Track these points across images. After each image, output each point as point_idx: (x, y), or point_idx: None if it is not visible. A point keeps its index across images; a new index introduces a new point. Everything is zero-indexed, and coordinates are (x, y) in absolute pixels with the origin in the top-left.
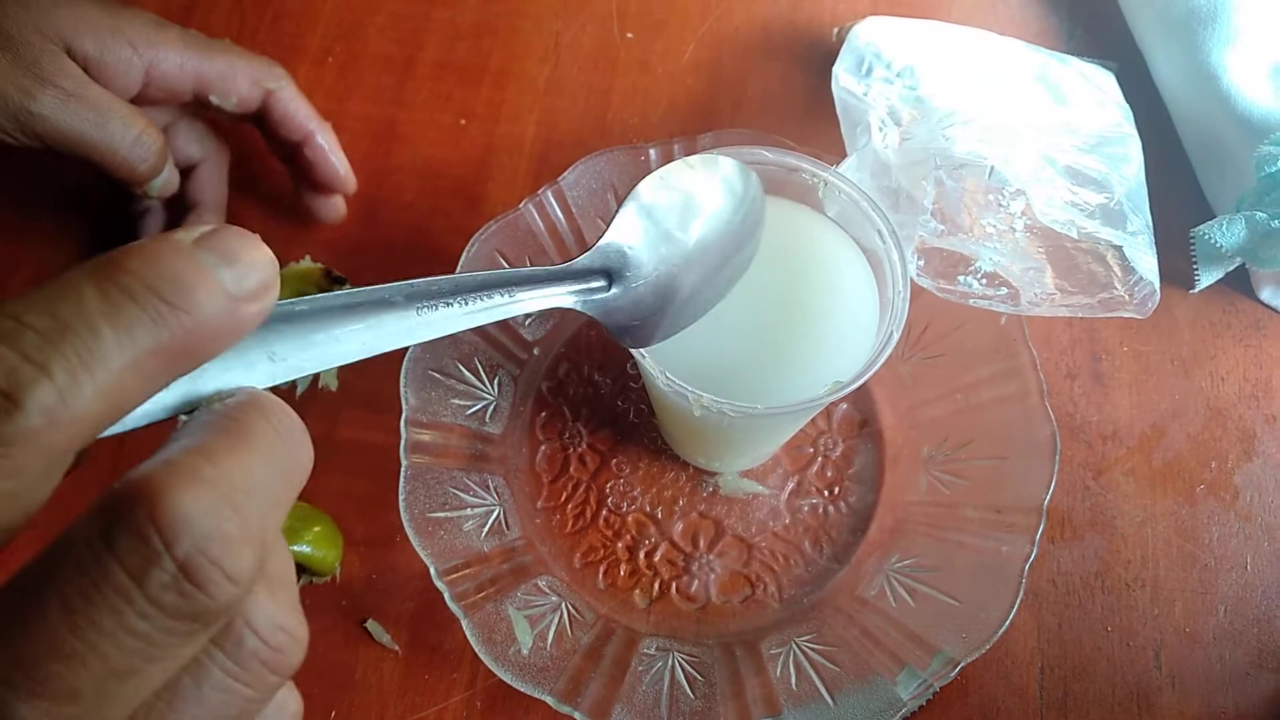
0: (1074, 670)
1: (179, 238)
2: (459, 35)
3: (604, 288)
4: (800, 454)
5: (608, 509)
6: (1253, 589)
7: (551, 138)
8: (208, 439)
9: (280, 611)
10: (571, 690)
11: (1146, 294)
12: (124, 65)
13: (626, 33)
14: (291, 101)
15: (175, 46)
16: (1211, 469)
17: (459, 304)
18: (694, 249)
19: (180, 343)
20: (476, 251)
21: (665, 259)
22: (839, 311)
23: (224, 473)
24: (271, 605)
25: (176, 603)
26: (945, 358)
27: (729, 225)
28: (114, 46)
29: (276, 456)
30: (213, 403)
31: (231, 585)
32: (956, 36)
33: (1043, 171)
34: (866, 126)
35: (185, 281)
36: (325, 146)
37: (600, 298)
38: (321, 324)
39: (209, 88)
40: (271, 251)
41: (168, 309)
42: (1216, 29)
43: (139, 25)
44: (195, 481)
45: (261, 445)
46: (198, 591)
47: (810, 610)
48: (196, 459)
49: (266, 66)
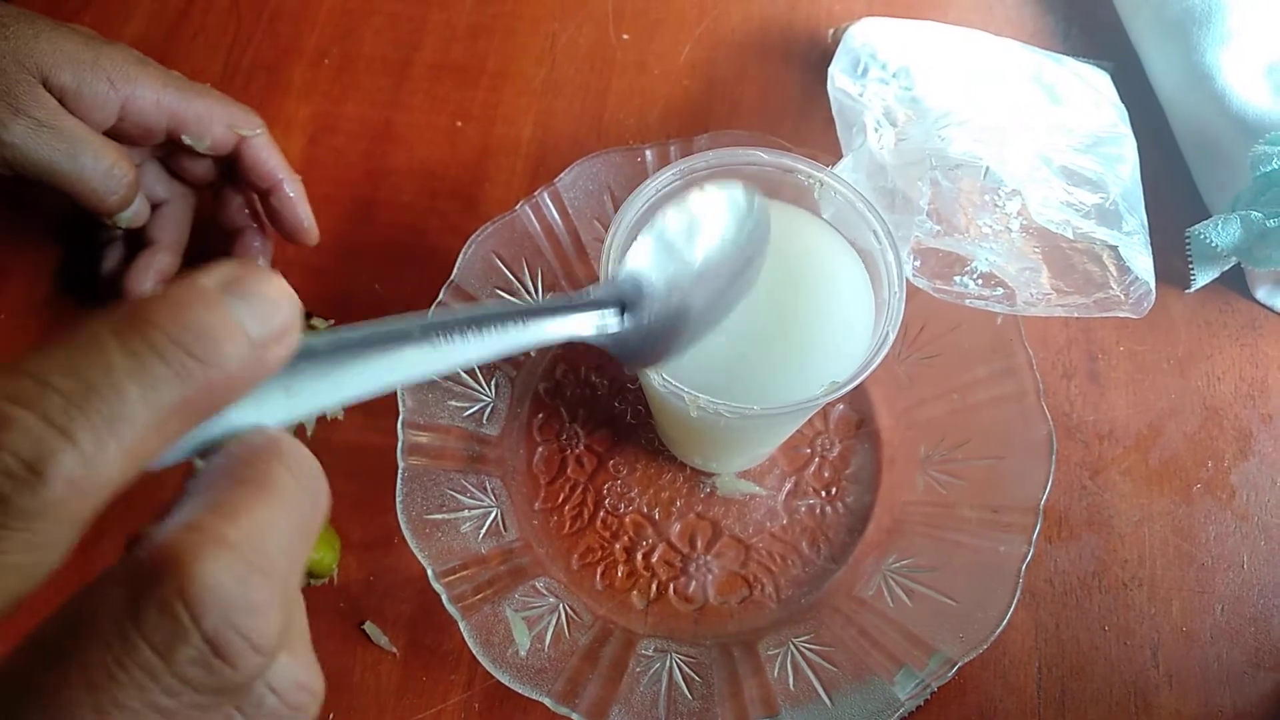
0: (1071, 669)
1: (205, 285)
2: (455, 37)
3: (618, 319)
4: (797, 454)
5: (605, 510)
6: (1250, 588)
7: (548, 139)
8: (227, 495)
9: (300, 668)
10: (569, 691)
11: (1142, 294)
12: (100, 99)
13: (623, 34)
14: (264, 150)
15: (153, 84)
16: (1208, 468)
17: (474, 335)
18: (701, 270)
19: (206, 396)
20: (473, 253)
21: (675, 284)
22: (835, 312)
23: (247, 534)
24: (292, 664)
25: (203, 678)
26: (942, 358)
27: (735, 244)
28: (91, 80)
29: (297, 507)
30: (230, 445)
31: (258, 656)
32: (952, 37)
33: (1038, 171)
34: (862, 127)
35: (214, 336)
36: (293, 197)
37: (615, 329)
38: (340, 360)
39: (184, 127)
40: (292, 290)
41: (196, 364)
42: (1211, 29)
43: (119, 60)
44: (220, 547)
45: (281, 497)
46: (225, 666)
47: (808, 611)
48: (219, 521)
49: (244, 114)
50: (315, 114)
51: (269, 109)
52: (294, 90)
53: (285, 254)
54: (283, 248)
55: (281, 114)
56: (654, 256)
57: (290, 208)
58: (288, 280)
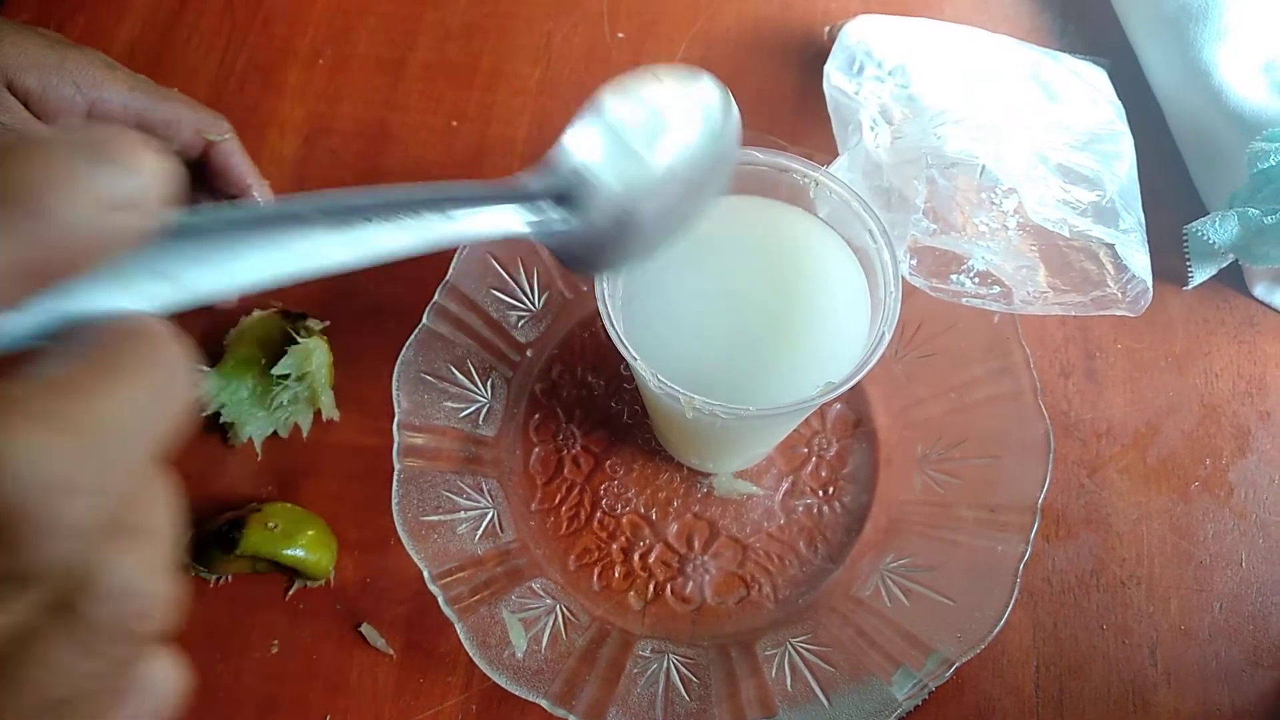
0: (1070, 668)
1: (50, 138)
2: (450, 36)
3: (561, 215)
4: (794, 454)
5: (602, 511)
6: (1248, 586)
7: (544, 139)
8: (71, 370)
9: (139, 568)
10: (566, 693)
11: (1139, 292)
12: (66, 102)
13: (618, 32)
14: (233, 155)
15: (120, 88)
16: (1206, 466)
17: (386, 223)
18: (662, 175)
19: (45, 257)
20: (469, 254)
21: (630, 183)
22: (831, 312)
23: (83, 410)
24: (128, 561)
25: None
26: (939, 357)
27: (703, 151)
28: (57, 84)
29: (153, 394)
30: (86, 329)
31: (64, 539)
32: (948, 34)
33: (1035, 169)
34: (858, 125)
35: (52, 188)
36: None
37: (557, 227)
38: (226, 242)
39: (151, 132)
40: (167, 161)
41: (28, 219)
42: (1207, 25)
43: (85, 64)
44: (46, 420)
45: (137, 380)
46: (29, 548)
47: (805, 611)
48: (53, 392)
49: (212, 119)
50: (310, 114)
51: (264, 110)
52: (289, 91)
53: None
54: None
55: (276, 115)
56: (604, 148)
57: None
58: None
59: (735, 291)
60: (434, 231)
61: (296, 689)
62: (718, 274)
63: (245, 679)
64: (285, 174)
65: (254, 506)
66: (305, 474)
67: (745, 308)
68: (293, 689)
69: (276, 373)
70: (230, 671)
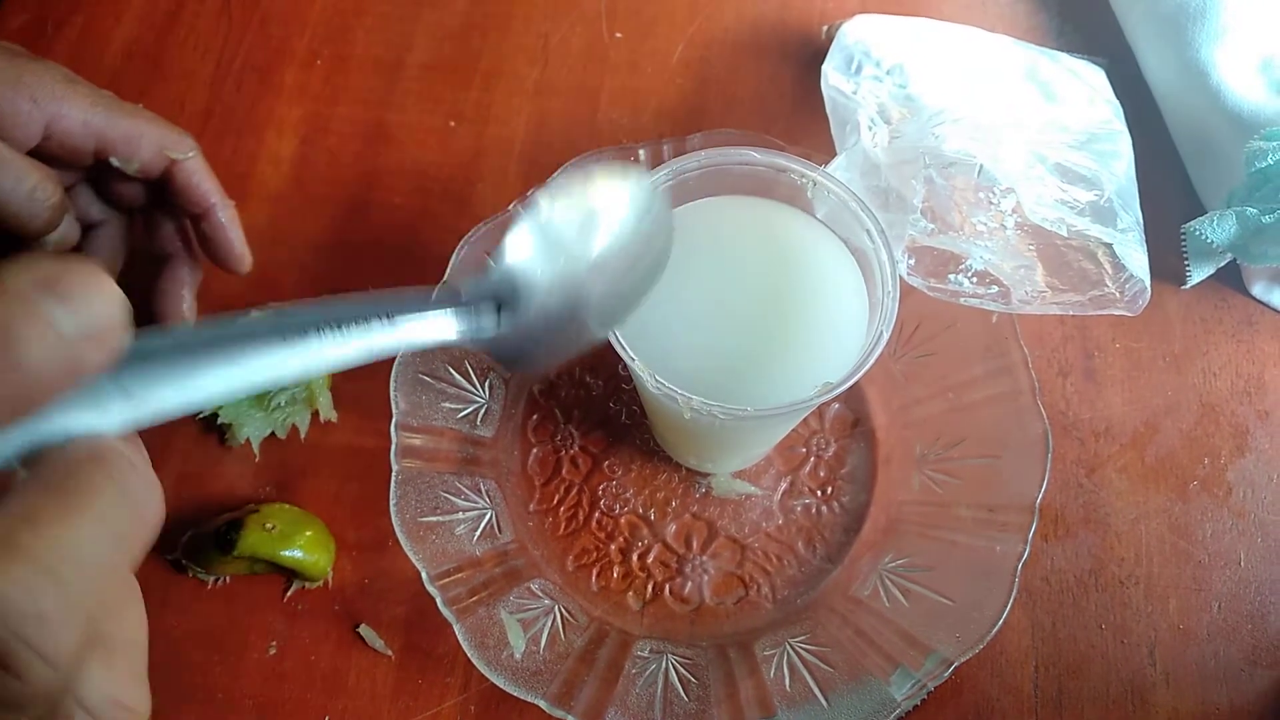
0: (1068, 668)
1: (8, 278)
2: (447, 36)
3: (493, 320)
4: (793, 454)
5: (600, 511)
6: (1246, 585)
7: (541, 139)
8: (33, 500)
9: (116, 683)
10: (565, 694)
11: (1137, 291)
12: (22, 117)
13: (615, 32)
14: (196, 174)
15: (81, 104)
16: (1204, 465)
17: (333, 334)
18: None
19: (12, 394)
20: (466, 254)
21: (560, 280)
22: (829, 312)
23: (47, 541)
24: (106, 677)
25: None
26: (937, 357)
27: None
28: (13, 98)
29: (114, 515)
30: (54, 451)
31: (49, 669)
32: (946, 34)
33: (1033, 169)
34: (856, 125)
35: (16, 331)
36: (224, 223)
37: (490, 332)
38: (183, 361)
39: (111, 148)
40: (119, 289)
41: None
42: (1205, 24)
43: (45, 79)
44: (11, 553)
45: (97, 504)
46: (12, 678)
47: (804, 611)
48: (16, 526)
49: (177, 136)
50: (307, 115)
51: (261, 111)
52: (286, 92)
53: (279, 256)
54: (273, 250)
55: (273, 116)
56: (535, 248)
57: (222, 234)
58: (284, 282)
59: (733, 292)
60: (379, 341)
61: (295, 690)
62: (716, 274)
63: (243, 680)
64: (283, 175)
65: (252, 508)
66: (303, 475)
67: (743, 308)
68: (291, 690)
69: None
70: (228, 673)
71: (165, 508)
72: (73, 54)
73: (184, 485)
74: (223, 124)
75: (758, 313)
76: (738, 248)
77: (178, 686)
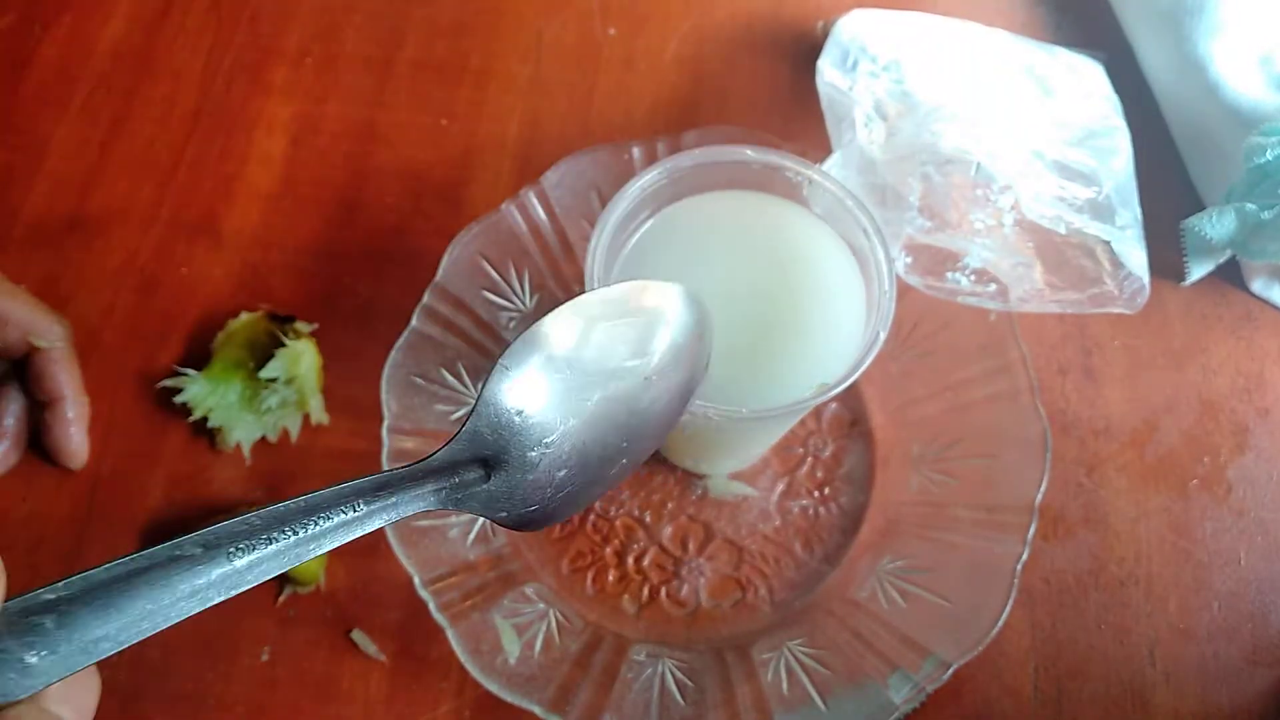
0: (1068, 669)
1: None
2: (438, 34)
3: (479, 479)
4: (790, 455)
5: (595, 514)
6: (1246, 584)
7: (534, 137)
8: None
9: None
10: (560, 699)
11: (1136, 289)
12: None
13: (609, 29)
14: (54, 364)
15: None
16: (1204, 464)
17: (287, 536)
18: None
19: None
20: (458, 254)
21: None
22: (825, 311)
23: None
24: None
25: None
26: (935, 356)
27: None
28: None
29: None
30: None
31: None
32: (943, 29)
33: (1031, 166)
34: (852, 122)
35: None
36: (70, 419)
37: (474, 492)
38: (92, 607)
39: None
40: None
41: None
42: (1203, 19)
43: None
44: None
45: None
46: None
47: (801, 613)
48: None
49: (48, 324)
50: (297, 114)
51: (250, 109)
52: (276, 90)
53: (269, 257)
54: (263, 250)
55: (263, 114)
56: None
57: (63, 428)
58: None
59: (729, 290)
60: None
61: (287, 696)
62: (711, 273)
63: (235, 687)
64: (274, 174)
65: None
66: (294, 478)
67: (739, 307)
68: (284, 696)
69: (265, 376)
70: (220, 679)
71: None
72: (60, 54)
73: (174, 489)
74: (212, 123)
75: (754, 311)
76: (734, 246)
77: (169, 693)
